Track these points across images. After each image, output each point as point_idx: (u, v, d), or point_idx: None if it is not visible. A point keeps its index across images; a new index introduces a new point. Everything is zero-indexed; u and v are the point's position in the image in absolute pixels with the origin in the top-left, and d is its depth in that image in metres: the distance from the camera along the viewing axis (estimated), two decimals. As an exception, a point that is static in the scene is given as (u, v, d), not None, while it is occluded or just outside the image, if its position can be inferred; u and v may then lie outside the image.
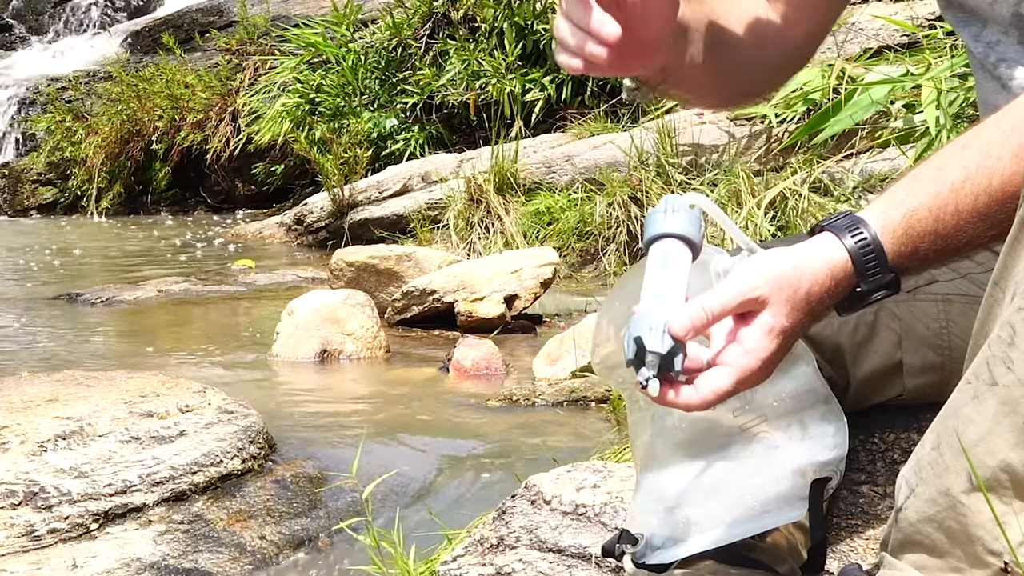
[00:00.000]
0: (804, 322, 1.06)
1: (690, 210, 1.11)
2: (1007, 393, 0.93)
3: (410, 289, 4.22)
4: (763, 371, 1.05)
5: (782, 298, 1.04)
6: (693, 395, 1.04)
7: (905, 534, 1.01)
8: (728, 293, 1.04)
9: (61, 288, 5.17)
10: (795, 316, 1.05)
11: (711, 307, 1.04)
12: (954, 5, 1.30)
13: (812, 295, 1.05)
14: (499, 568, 1.48)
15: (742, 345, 1.04)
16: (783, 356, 1.07)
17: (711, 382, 1.04)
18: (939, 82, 4.19)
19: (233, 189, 8.59)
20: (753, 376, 1.05)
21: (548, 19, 6.86)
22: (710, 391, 1.04)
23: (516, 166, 5.81)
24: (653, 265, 1.09)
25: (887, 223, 1.05)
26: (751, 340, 1.04)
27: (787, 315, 1.04)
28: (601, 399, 3.01)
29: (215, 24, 9.48)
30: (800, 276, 1.05)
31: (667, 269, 1.08)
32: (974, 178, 1.03)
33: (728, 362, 1.04)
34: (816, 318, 1.07)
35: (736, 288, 1.04)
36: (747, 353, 1.04)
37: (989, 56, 1.26)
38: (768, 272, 1.05)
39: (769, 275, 1.04)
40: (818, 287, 1.05)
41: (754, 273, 1.05)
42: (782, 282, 1.04)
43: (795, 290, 1.04)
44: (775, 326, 1.04)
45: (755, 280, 1.04)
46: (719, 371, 1.04)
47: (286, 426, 2.70)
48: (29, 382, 2.59)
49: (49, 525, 2.03)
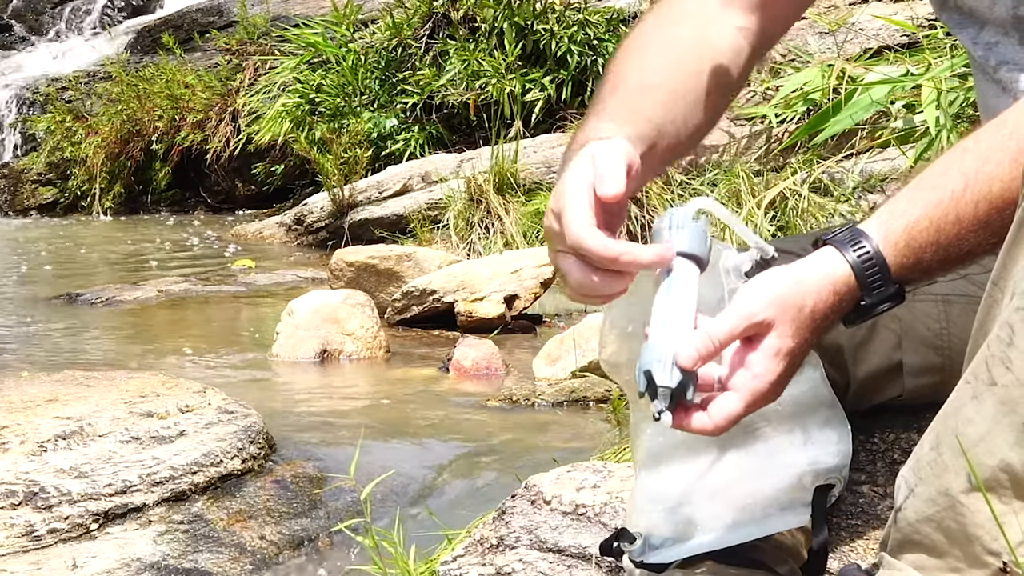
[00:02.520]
0: (810, 340, 1.06)
1: (695, 222, 1.11)
2: (1006, 393, 0.93)
3: (410, 289, 4.22)
4: (773, 392, 1.06)
5: (787, 319, 1.04)
6: (707, 421, 1.05)
7: (904, 534, 1.01)
8: (733, 320, 1.04)
9: (61, 288, 5.17)
10: (801, 335, 1.05)
11: (717, 335, 1.04)
12: (950, 7, 1.29)
13: (817, 312, 1.05)
14: (499, 568, 1.48)
15: (750, 370, 1.05)
16: (793, 374, 1.07)
17: (723, 408, 1.04)
18: (939, 82, 4.20)
19: (233, 189, 8.59)
20: (764, 397, 1.05)
21: (548, 19, 6.85)
22: (722, 417, 1.04)
23: (516, 166, 5.81)
24: (660, 290, 1.09)
25: (888, 235, 1.04)
26: (759, 364, 1.04)
27: (792, 335, 1.04)
28: (601, 399, 3.01)
29: (215, 24, 9.47)
30: (804, 294, 1.04)
31: (673, 294, 1.08)
32: (974, 185, 1.02)
33: (738, 387, 1.05)
34: (822, 333, 1.07)
35: (741, 313, 1.04)
36: (756, 377, 1.04)
37: (989, 59, 1.25)
38: (771, 294, 1.04)
39: (772, 297, 1.04)
40: (822, 303, 1.05)
41: (758, 296, 1.05)
42: (786, 303, 1.04)
43: (799, 309, 1.04)
44: (782, 348, 1.04)
45: (759, 304, 1.04)
46: (730, 397, 1.05)
47: (286, 426, 2.70)
48: (29, 382, 2.59)
49: (49, 525, 2.03)
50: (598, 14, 6.97)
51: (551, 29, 6.81)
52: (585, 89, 6.77)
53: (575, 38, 6.79)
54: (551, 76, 6.83)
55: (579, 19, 6.87)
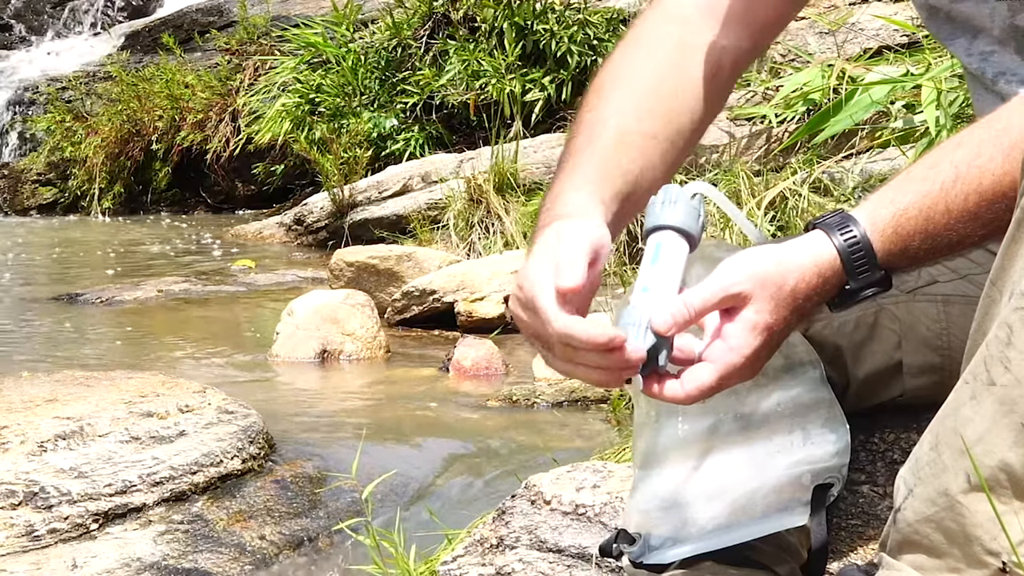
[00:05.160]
0: (791, 319, 1.06)
1: (690, 200, 1.11)
2: (1005, 393, 0.93)
3: (410, 289, 4.22)
4: (747, 367, 1.05)
5: (765, 295, 1.04)
6: (678, 389, 1.05)
7: (903, 534, 1.01)
8: (709, 290, 1.05)
9: (61, 288, 5.17)
10: (780, 312, 1.05)
11: (692, 303, 1.04)
12: (940, 17, 1.27)
13: (798, 292, 1.05)
14: (499, 568, 1.48)
15: (726, 342, 1.05)
16: (770, 353, 1.07)
17: (695, 377, 1.05)
18: (939, 82, 4.19)
19: (233, 189, 8.59)
20: (737, 372, 1.05)
21: (548, 19, 6.86)
22: (694, 386, 1.05)
23: (516, 166, 5.81)
24: (645, 258, 1.09)
25: (876, 221, 1.05)
26: (734, 337, 1.05)
27: (771, 311, 1.05)
28: (601, 399, 3.01)
29: (215, 24, 9.47)
30: (785, 273, 1.05)
31: (659, 263, 1.08)
32: (965, 177, 1.03)
33: (712, 358, 1.05)
34: (804, 315, 1.07)
35: (717, 284, 1.05)
36: (731, 350, 1.05)
37: (986, 70, 1.24)
38: (750, 269, 1.05)
39: (751, 272, 1.05)
40: (804, 284, 1.05)
41: (736, 270, 1.05)
42: (765, 279, 1.04)
43: (779, 287, 1.04)
44: (759, 323, 1.04)
45: (736, 276, 1.05)
46: (703, 367, 1.05)
47: (286, 426, 2.70)
48: (29, 382, 2.59)
49: (49, 525, 2.03)
50: (598, 14, 6.97)
51: (551, 29, 6.82)
52: (585, 89, 6.76)
53: (575, 38, 6.79)
54: (551, 76, 6.83)
55: (579, 19, 6.87)
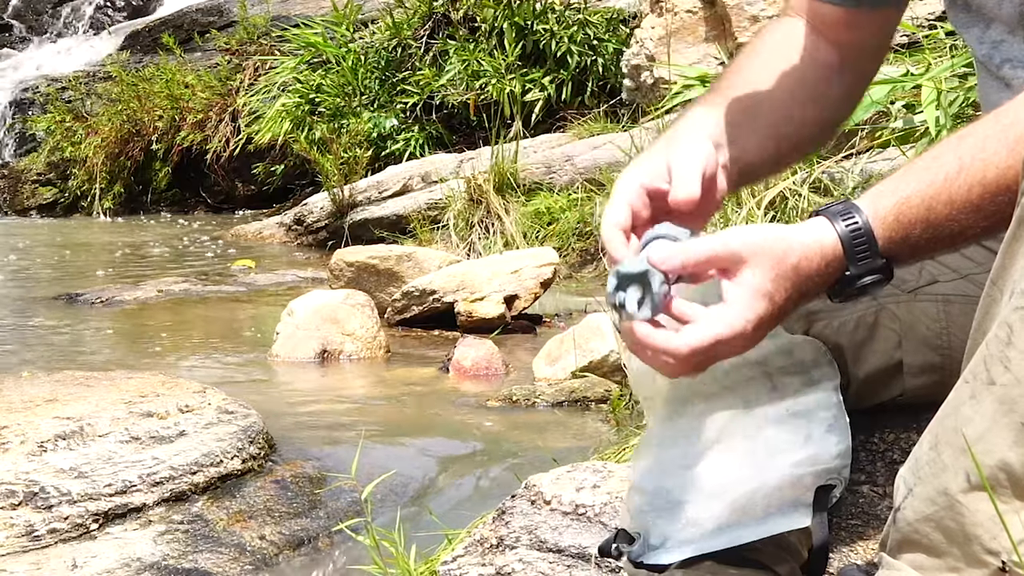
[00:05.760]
0: (792, 293, 1.06)
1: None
2: (1005, 392, 0.93)
3: (410, 289, 4.22)
4: (746, 334, 1.05)
5: (765, 261, 1.04)
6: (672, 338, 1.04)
7: (903, 534, 1.01)
8: (709, 243, 1.06)
9: (61, 288, 5.17)
10: (780, 283, 1.05)
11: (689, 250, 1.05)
12: (957, 5, 1.30)
13: (801, 269, 1.06)
14: (499, 568, 1.48)
15: (726, 303, 1.05)
16: (771, 324, 1.07)
17: (692, 332, 1.04)
18: (939, 82, 4.19)
19: (233, 189, 8.60)
20: (735, 335, 1.04)
21: (548, 19, 6.86)
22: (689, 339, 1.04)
23: (516, 166, 5.81)
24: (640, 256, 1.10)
25: (879, 209, 1.06)
26: (733, 297, 1.05)
27: (772, 280, 1.05)
28: (601, 399, 3.01)
29: (215, 24, 9.48)
30: (788, 247, 1.05)
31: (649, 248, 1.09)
32: (969, 169, 1.03)
33: (711, 316, 1.05)
34: (805, 295, 1.08)
35: (718, 239, 1.06)
36: (730, 307, 1.05)
37: (993, 57, 1.25)
38: (752, 237, 1.06)
39: (752, 240, 1.05)
40: (807, 262, 1.06)
41: (738, 234, 1.06)
42: (764, 246, 1.05)
43: (780, 259, 1.05)
44: (759, 287, 1.04)
45: (737, 240, 1.05)
46: (701, 324, 1.05)
47: (286, 426, 2.70)
48: (29, 382, 2.59)
49: (49, 525, 2.03)
50: (598, 14, 6.98)
51: (551, 29, 6.82)
52: (585, 89, 6.78)
53: (575, 38, 6.80)
54: (551, 76, 6.83)
55: (579, 19, 6.88)
